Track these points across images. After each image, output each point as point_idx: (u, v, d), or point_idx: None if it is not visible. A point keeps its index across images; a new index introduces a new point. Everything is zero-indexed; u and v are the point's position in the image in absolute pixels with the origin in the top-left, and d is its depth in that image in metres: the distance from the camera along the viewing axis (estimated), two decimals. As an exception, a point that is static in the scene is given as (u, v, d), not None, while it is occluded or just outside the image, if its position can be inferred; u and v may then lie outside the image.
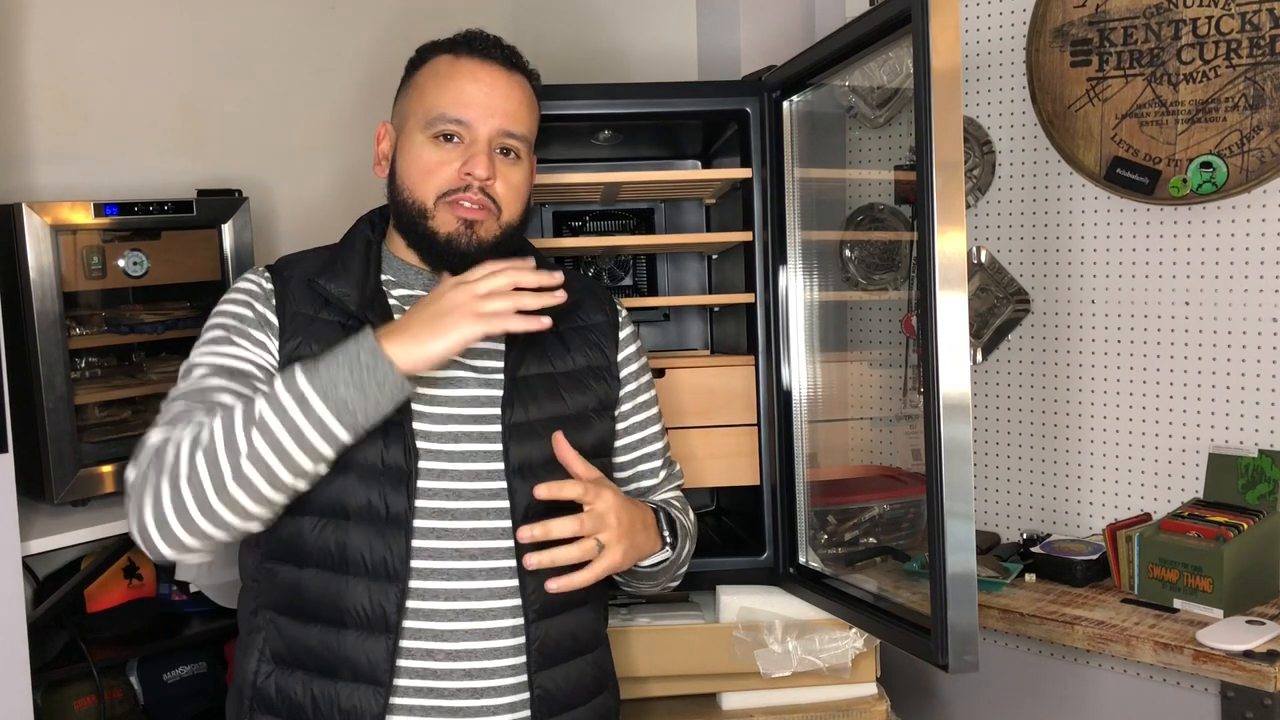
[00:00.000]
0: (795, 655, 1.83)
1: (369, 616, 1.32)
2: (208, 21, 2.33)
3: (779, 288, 1.96)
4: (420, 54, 1.48)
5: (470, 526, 1.36)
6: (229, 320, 1.41)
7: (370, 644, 1.32)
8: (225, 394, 1.32)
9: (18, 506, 1.73)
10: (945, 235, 1.46)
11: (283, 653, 1.36)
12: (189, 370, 1.37)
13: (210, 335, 1.40)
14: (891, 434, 2.37)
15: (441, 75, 1.44)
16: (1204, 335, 2.13)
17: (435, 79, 1.44)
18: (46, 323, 1.85)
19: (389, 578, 1.32)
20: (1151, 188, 2.13)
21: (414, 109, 1.44)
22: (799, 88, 1.92)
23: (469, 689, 1.35)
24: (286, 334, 1.39)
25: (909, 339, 2.19)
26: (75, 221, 1.89)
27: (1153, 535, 2.01)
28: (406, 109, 1.46)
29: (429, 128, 1.41)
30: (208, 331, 1.41)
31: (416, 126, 1.42)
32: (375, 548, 1.33)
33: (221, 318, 1.42)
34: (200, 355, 1.38)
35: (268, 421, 1.22)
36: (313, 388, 1.23)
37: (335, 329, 1.38)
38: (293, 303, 1.41)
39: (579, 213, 2.31)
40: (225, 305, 1.43)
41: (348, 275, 1.42)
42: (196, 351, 1.40)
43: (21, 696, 1.72)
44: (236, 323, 1.40)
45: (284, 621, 1.37)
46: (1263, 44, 2.00)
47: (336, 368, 1.23)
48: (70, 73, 2.14)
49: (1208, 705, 2.10)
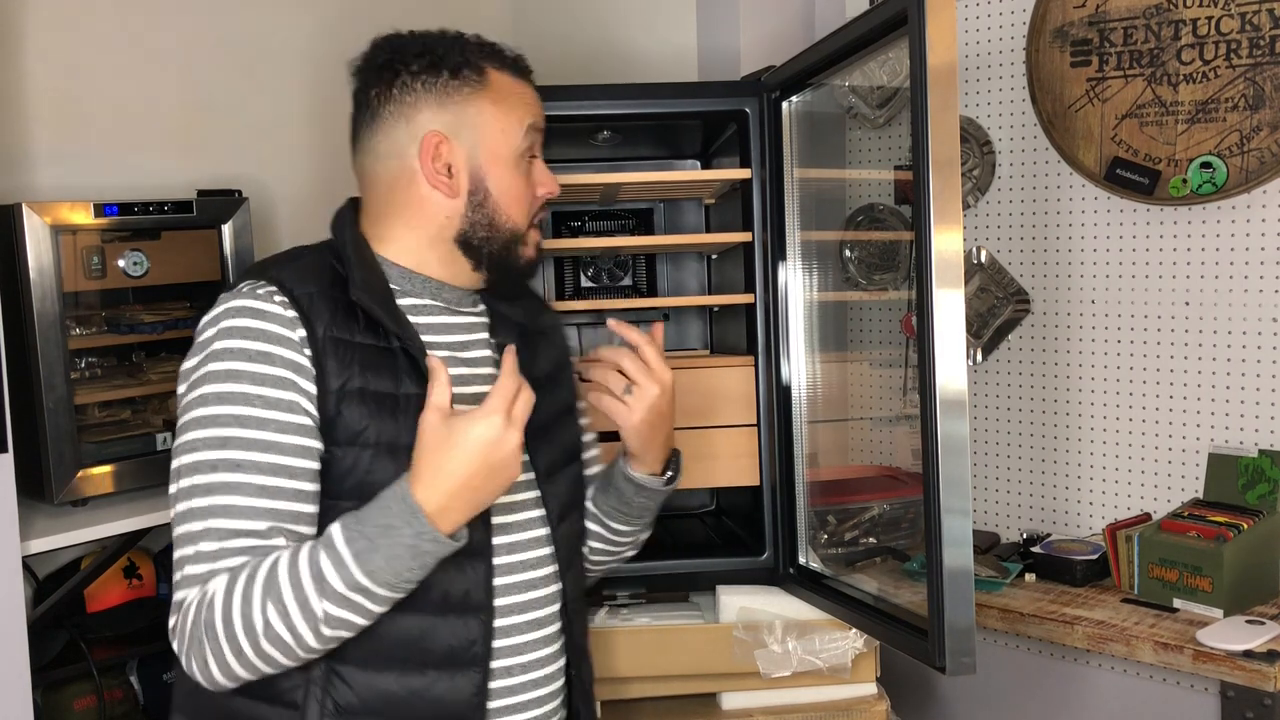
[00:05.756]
0: (795, 655, 1.83)
1: (456, 653, 1.29)
2: (208, 22, 2.33)
3: (779, 288, 1.96)
4: (474, 63, 1.36)
5: (523, 538, 1.37)
6: (249, 388, 1.21)
7: (460, 680, 1.29)
8: (258, 535, 1.18)
9: (18, 506, 1.73)
10: (942, 233, 1.46)
11: (354, 704, 1.26)
12: (206, 466, 1.18)
13: (225, 411, 1.20)
14: (891, 434, 2.37)
15: (514, 95, 1.38)
16: (1204, 335, 2.12)
17: (509, 99, 1.38)
18: (46, 323, 1.85)
19: (474, 610, 1.30)
20: (1151, 188, 2.13)
21: (493, 128, 1.35)
22: (799, 88, 1.92)
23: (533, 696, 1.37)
24: (329, 371, 1.24)
25: (909, 339, 2.19)
26: (75, 221, 1.90)
27: (1153, 535, 2.01)
28: (479, 125, 1.35)
29: (516, 151, 1.37)
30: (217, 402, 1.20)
31: (508, 146, 1.36)
32: (458, 582, 1.28)
33: (235, 382, 1.21)
34: (216, 447, 1.19)
35: (332, 615, 1.16)
36: (377, 583, 1.16)
37: (375, 353, 1.27)
38: (326, 327, 1.25)
39: (578, 213, 2.31)
40: (236, 363, 1.21)
41: (373, 291, 1.31)
42: (208, 430, 1.19)
43: (21, 696, 1.72)
44: (256, 389, 1.21)
45: (350, 670, 1.25)
46: (1263, 44, 2.00)
47: (400, 562, 1.16)
48: (70, 73, 2.14)
49: (1208, 705, 2.10)
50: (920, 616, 1.59)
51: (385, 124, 1.35)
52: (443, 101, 1.34)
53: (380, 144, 1.35)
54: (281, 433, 1.21)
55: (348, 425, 1.24)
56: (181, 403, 1.24)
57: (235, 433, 1.19)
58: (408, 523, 1.16)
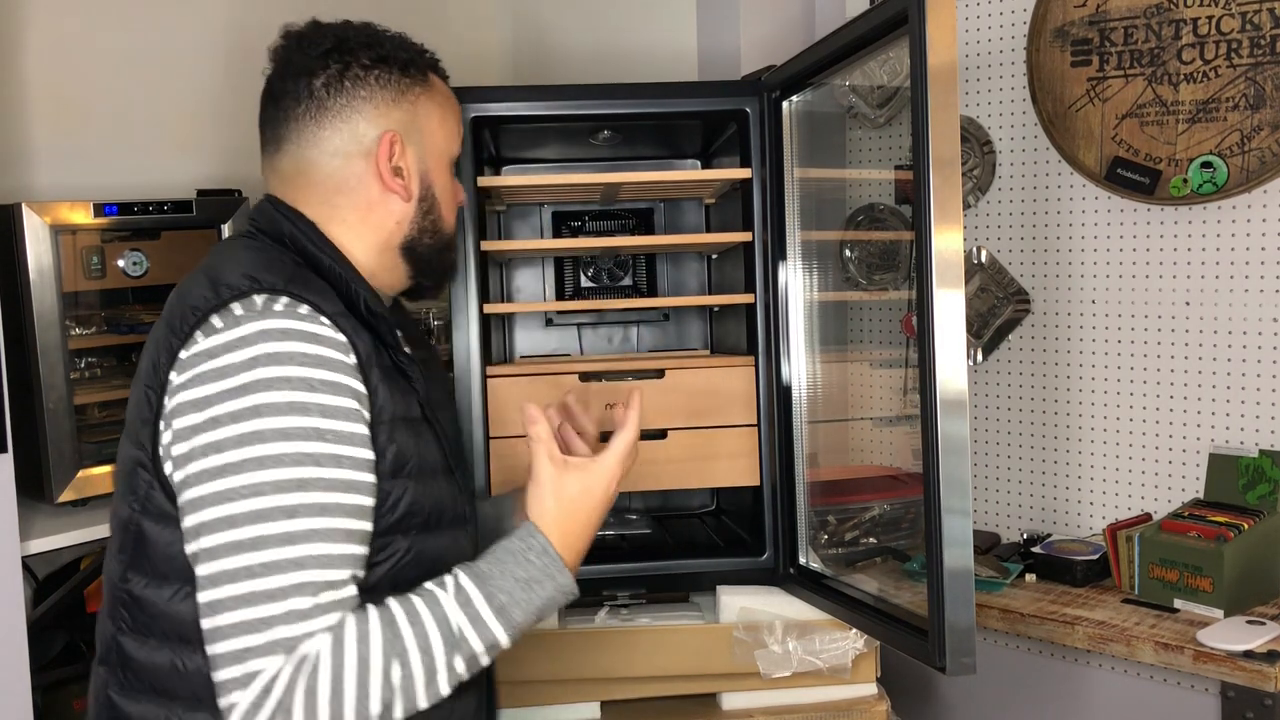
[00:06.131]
0: (795, 655, 1.83)
1: None
2: (208, 21, 2.34)
3: (779, 288, 1.96)
4: (421, 66, 1.32)
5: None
6: (319, 422, 1.09)
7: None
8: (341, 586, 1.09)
9: (18, 506, 1.73)
10: (942, 233, 1.46)
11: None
12: (280, 512, 1.06)
13: (293, 449, 1.08)
14: (892, 434, 2.37)
15: (450, 99, 1.37)
16: (1204, 335, 2.12)
17: (448, 103, 1.36)
18: (46, 323, 1.85)
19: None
20: (1152, 188, 2.12)
21: (440, 133, 1.33)
22: (799, 88, 1.92)
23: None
24: (379, 398, 1.17)
25: (909, 339, 2.19)
26: (75, 221, 1.90)
27: (1153, 535, 2.01)
28: (428, 129, 1.31)
29: (453, 156, 1.36)
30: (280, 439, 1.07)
31: (446, 153, 1.34)
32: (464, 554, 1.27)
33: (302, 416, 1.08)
34: (293, 490, 1.07)
35: (456, 670, 1.12)
36: (511, 638, 1.15)
37: (396, 374, 1.22)
38: (366, 350, 1.17)
39: (578, 213, 2.31)
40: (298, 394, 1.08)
41: (383, 309, 1.26)
42: (276, 472, 1.06)
43: (21, 696, 1.72)
44: (328, 422, 1.10)
45: None
46: (1263, 44, 2.00)
47: (534, 615, 1.17)
48: (70, 73, 2.15)
49: (1208, 705, 2.10)
50: (920, 617, 1.59)
51: (333, 118, 1.26)
52: (397, 100, 1.28)
53: (329, 138, 1.26)
54: (357, 470, 1.12)
55: (398, 456, 1.18)
56: (208, 438, 1.08)
57: (312, 473, 1.07)
58: (551, 577, 1.16)
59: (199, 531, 1.08)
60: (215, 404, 1.09)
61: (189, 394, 1.10)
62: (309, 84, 1.26)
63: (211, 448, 1.08)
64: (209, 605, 1.06)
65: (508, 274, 2.33)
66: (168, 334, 1.16)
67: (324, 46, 1.27)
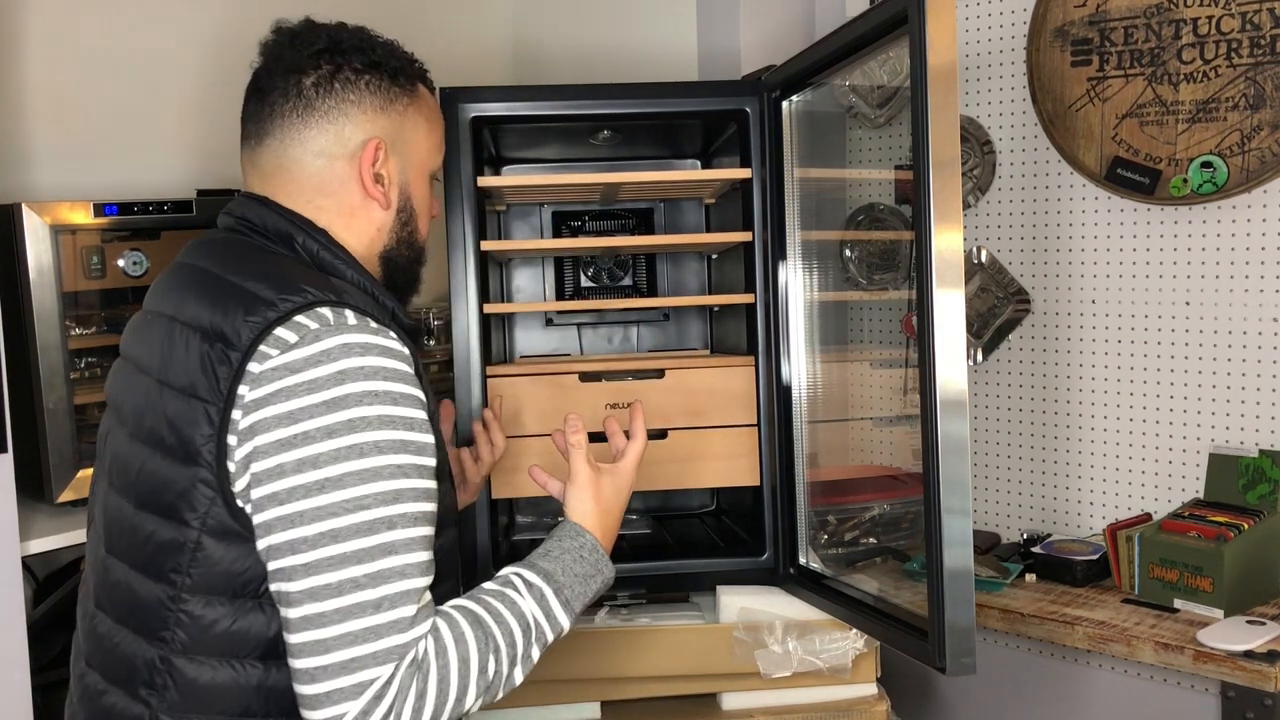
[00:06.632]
0: (795, 655, 1.83)
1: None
2: (207, 21, 2.34)
3: (779, 288, 1.96)
4: (410, 76, 1.33)
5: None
6: (404, 434, 1.13)
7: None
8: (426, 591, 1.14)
9: (18, 506, 1.73)
10: (942, 233, 1.46)
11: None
12: (383, 524, 1.09)
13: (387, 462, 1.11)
14: (892, 434, 2.37)
15: (437, 112, 1.38)
16: (1204, 335, 2.12)
17: (434, 115, 1.36)
18: (46, 323, 1.85)
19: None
20: (1152, 188, 2.12)
21: (423, 145, 1.34)
22: (799, 87, 1.92)
23: None
24: (430, 404, 1.21)
25: (909, 339, 2.19)
26: (75, 221, 1.89)
27: (1153, 535, 2.01)
28: (412, 140, 1.32)
29: (434, 169, 1.38)
30: (375, 453, 1.10)
31: (428, 166, 1.36)
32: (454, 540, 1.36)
33: (390, 429, 1.12)
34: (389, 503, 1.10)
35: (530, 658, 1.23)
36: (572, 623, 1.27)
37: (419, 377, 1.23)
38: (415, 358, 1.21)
39: (578, 213, 2.31)
40: (384, 408, 1.11)
41: (406, 315, 1.32)
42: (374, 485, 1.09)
43: (21, 696, 1.72)
44: (410, 435, 1.14)
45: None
46: (1263, 44, 2.00)
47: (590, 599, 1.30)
48: (70, 73, 2.14)
49: (1208, 705, 2.10)
50: (920, 617, 1.59)
51: (320, 118, 1.26)
52: (384, 107, 1.28)
53: (314, 138, 1.26)
54: (431, 478, 1.16)
55: (441, 459, 1.22)
56: (301, 453, 1.09)
57: (404, 484, 1.11)
58: (600, 571, 1.30)
59: (294, 548, 1.08)
60: (305, 419, 1.09)
61: (274, 408, 1.10)
62: (298, 82, 1.26)
63: (307, 463, 1.08)
64: (307, 619, 1.07)
65: (508, 274, 2.33)
66: (216, 346, 1.13)
67: (317, 46, 1.27)
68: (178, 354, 1.16)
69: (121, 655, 1.19)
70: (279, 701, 1.16)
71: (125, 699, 1.19)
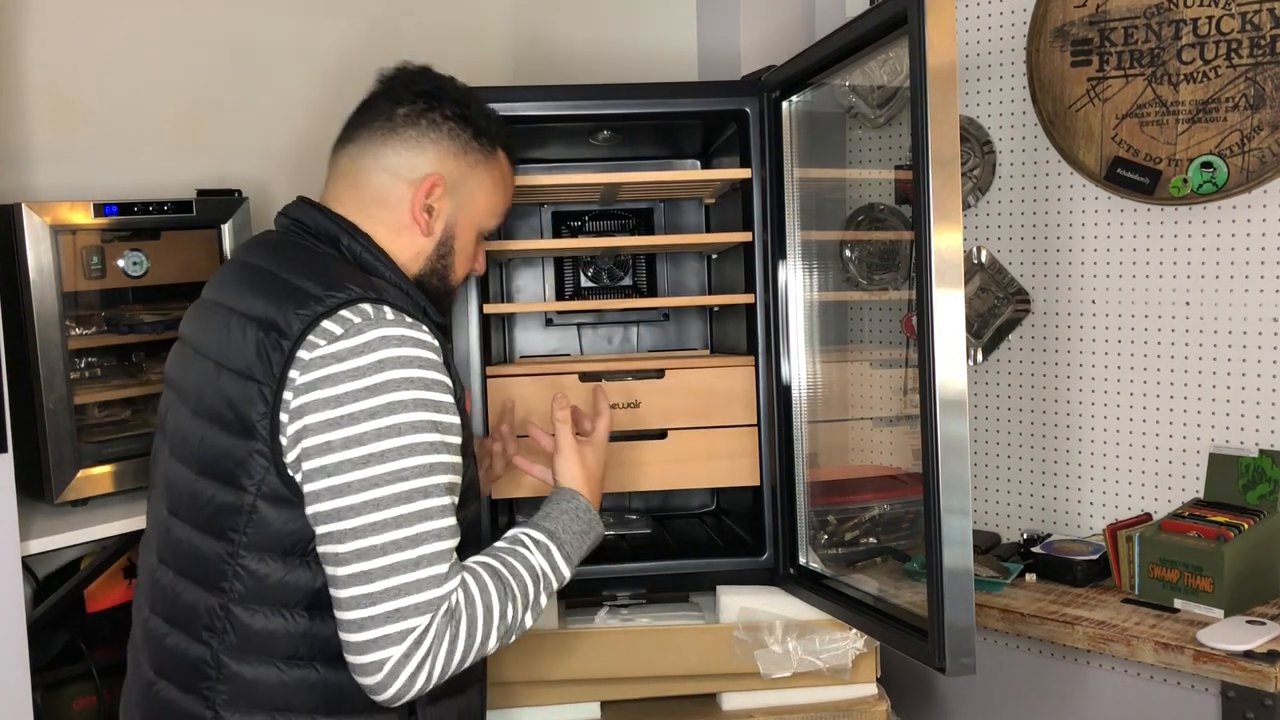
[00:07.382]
0: (795, 656, 1.83)
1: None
2: (208, 21, 2.33)
3: (779, 288, 1.96)
4: (493, 135, 1.50)
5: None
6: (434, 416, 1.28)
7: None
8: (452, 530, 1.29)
9: (18, 506, 1.73)
10: (942, 233, 1.46)
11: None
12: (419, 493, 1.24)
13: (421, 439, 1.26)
14: (892, 434, 2.37)
15: (507, 181, 1.55)
16: (1204, 335, 2.12)
17: (503, 181, 1.53)
18: (46, 323, 1.85)
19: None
20: (1152, 188, 2.12)
21: (483, 201, 1.50)
22: (799, 88, 1.92)
23: None
24: (455, 384, 1.34)
25: (909, 339, 2.19)
26: (75, 221, 1.89)
27: (1153, 535, 2.01)
28: (475, 194, 1.49)
29: (486, 229, 1.53)
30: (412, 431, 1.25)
31: (481, 221, 1.51)
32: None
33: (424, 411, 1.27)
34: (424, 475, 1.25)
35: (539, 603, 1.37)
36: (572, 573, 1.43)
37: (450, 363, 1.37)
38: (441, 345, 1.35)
39: (578, 213, 2.31)
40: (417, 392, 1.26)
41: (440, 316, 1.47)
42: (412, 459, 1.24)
43: (21, 696, 1.72)
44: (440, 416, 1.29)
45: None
46: (1263, 44, 2.00)
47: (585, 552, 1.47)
48: (70, 73, 2.14)
49: (1208, 705, 2.10)
50: (920, 617, 1.59)
51: (399, 143, 1.43)
52: (457, 154, 1.45)
53: (388, 156, 1.43)
54: (457, 454, 1.32)
55: (466, 438, 1.36)
56: (348, 432, 1.23)
57: (436, 459, 1.26)
58: (593, 527, 1.47)
59: (341, 514, 1.23)
60: (350, 402, 1.24)
61: (322, 392, 1.24)
62: (393, 109, 1.45)
63: (353, 440, 1.23)
64: (354, 576, 1.22)
65: (508, 274, 2.33)
66: (270, 335, 1.28)
67: (421, 87, 1.46)
68: (235, 341, 1.31)
69: (184, 603, 1.34)
70: (324, 648, 1.30)
71: (187, 640, 1.33)
